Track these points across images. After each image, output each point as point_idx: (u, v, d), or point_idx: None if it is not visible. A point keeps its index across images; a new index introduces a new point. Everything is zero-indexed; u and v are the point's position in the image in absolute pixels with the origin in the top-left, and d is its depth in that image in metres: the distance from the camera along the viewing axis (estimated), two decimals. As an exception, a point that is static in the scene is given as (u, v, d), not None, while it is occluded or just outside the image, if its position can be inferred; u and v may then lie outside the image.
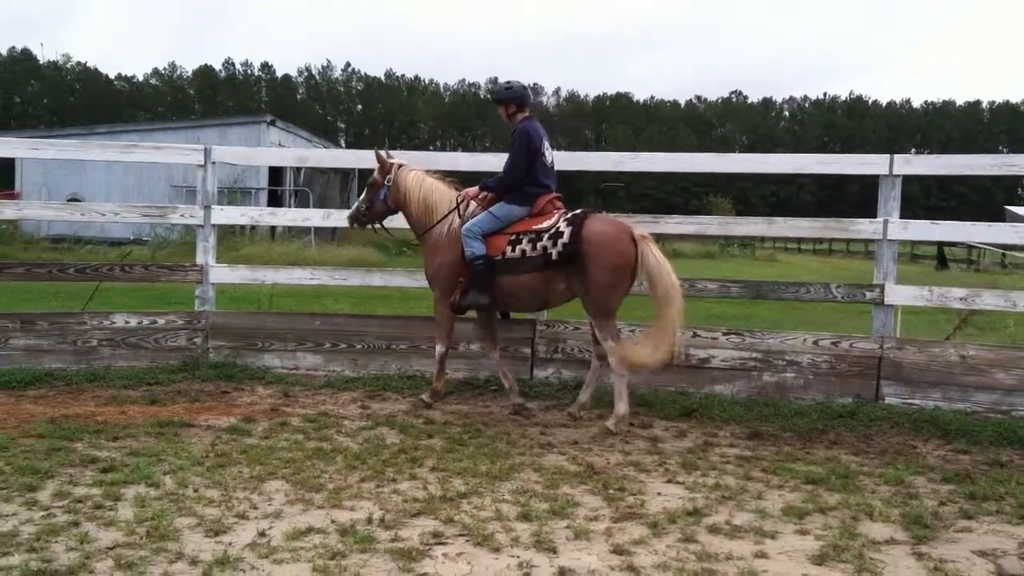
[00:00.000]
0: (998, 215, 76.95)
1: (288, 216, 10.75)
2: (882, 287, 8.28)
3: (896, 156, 8.25)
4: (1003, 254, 35.10)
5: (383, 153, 8.35)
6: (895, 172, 8.22)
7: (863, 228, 8.45)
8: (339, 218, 9.07)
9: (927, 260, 35.89)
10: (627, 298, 7.65)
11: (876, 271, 8.40)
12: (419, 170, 8.29)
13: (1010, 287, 10.25)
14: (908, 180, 8.39)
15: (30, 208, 9.67)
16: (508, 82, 8.04)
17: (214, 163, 9.34)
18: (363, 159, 8.30)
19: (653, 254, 7.31)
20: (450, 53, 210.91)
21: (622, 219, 8.42)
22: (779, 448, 6.81)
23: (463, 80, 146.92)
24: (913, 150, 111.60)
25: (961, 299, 8.26)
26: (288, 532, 4.72)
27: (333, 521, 4.92)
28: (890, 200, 8.25)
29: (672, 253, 37.81)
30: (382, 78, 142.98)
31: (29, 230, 30.94)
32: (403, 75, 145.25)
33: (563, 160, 9.09)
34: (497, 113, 8.06)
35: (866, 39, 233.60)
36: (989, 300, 8.22)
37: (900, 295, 8.33)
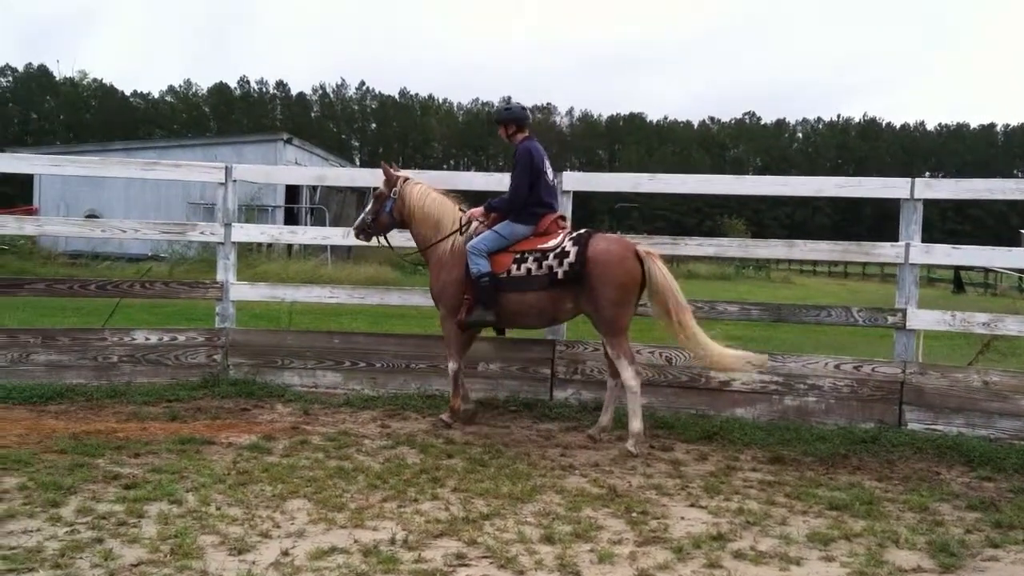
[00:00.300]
0: (1014, 239, 76.87)
1: (308, 235, 10.80)
2: (904, 311, 8.24)
3: (917, 180, 8.23)
4: (1020, 278, 34.97)
5: (389, 165, 8.38)
6: (916, 196, 8.20)
7: (885, 252, 8.42)
8: (358, 237, 9.08)
9: (944, 284, 35.73)
10: (647, 319, 7.63)
11: (898, 295, 8.36)
12: (424, 184, 8.34)
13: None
14: (928, 204, 8.35)
15: (51, 224, 9.70)
16: (507, 103, 8.14)
17: (235, 181, 9.37)
18: (380, 178, 8.30)
19: (660, 270, 7.36)
20: (464, 72, 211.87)
21: (634, 238, 8.42)
22: (802, 473, 6.76)
23: (477, 99, 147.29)
24: (927, 173, 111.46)
25: (984, 324, 8.20)
26: (311, 552, 4.71)
27: (356, 541, 4.91)
28: (912, 224, 8.22)
29: (687, 274, 37.89)
30: (396, 97, 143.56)
31: (47, 246, 31.07)
32: (417, 94, 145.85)
33: (580, 180, 9.15)
34: (497, 134, 8.10)
35: (881, 61, 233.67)
36: (1012, 326, 8.16)
37: (922, 319, 8.28)
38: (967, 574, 4.78)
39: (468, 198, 8.55)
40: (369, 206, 8.42)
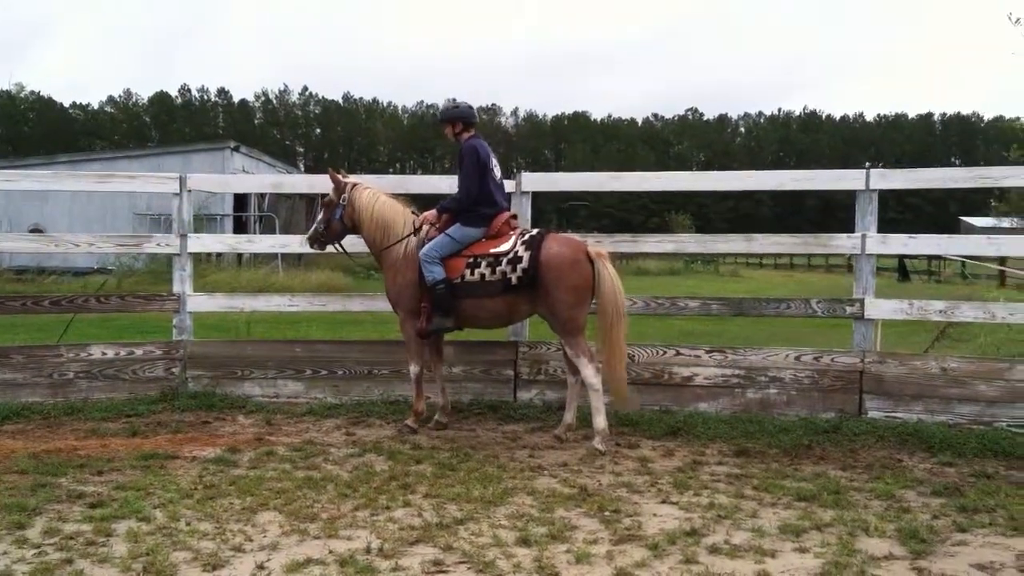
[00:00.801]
0: (952, 226, 78.11)
1: (266, 243, 10.67)
2: (862, 301, 8.32)
3: (872, 171, 8.31)
4: (963, 264, 35.52)
5: (337, 172, 8.33)
6: (872, 187, 8.27)
7: (842, 243, 8.51)
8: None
9: (888, 272, 36.20)
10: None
11: (855, 285, 8.44)
12: (373, 188, 8.30)
13: (988, 299, 10.35)
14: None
15: (3, 241, 9.50)
16: (454, 101, 8.12)
17: (189, 191, 9.25)
18: (337, 182, 8.24)
19: (608, 274, 7.41)
20: (408, 75, 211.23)
21: (596, 238, 8.45)
22: (767, 465, 6.81)
23: (421, 102, 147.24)
24: (867, 164, 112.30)
25: (940, 312, 8.31)
26: (287, 564, 4.66)
27: (331, 551, 4.87)
28: (867, 215, 8.30)
29: (636, 270, 38.04)
30: (340, 101, 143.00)
31: (-11, 262, 30.54)
32: (361, 98, 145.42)
33: (540, 181, 9.14)
34: (444, 134, 8.09)
35: (819, 55, 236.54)
36: (968, 312, 8.29)
37: (880, 309, 8.37)
38: (938, 559, 4.83)
39: (422, 201, 8.53)
40: (320, 215, 8.34)
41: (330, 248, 8.49)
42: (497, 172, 7.93)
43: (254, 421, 8.30)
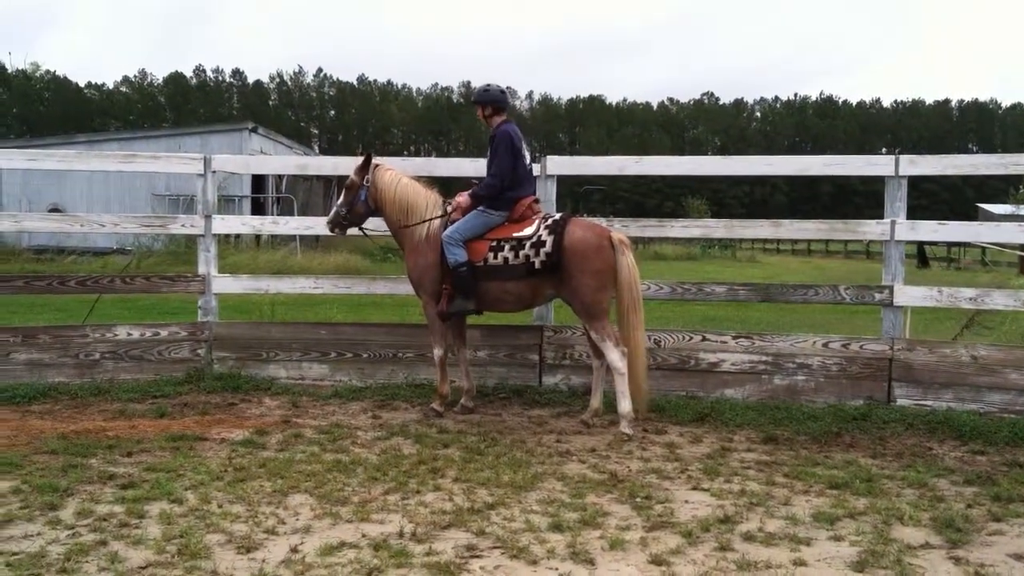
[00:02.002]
0: (970, 213, 77.65)
1: (292, 224, 10.61)
2: (891, 288, 8.26)
3: (902, 157, 8.24)
4: (983, 251, 35.35)
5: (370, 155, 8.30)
6: (901, 173, 8.20)
7: (871, 229, 8.44)
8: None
9: (908, 259, 36.08)
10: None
11: (884, 272, 8.38)
12: (395, 170, 8.27)
13: (1020, 287, 10.27)
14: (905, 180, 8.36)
15: (29, 220, 9.51)
16: (486, 85, 8.05)
17: (214, 172, 9.23)
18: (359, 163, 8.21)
19: (627, 263, 7.41)
20: (423, 58, 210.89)
21: (622, 223, 8.41)
22: (797, 452, 6.78)
23: (436, 84, 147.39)
24: (883, 149, 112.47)
25: (971, 299, 8.23)
26: (321, 547, 4.65)
27: (364, 535, 4.85)
28: (896, 201, 8.22)
29: (654, 255, 37.98)
30: (355, 83, 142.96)
31: (11, 242, 30.61)
32: (375, 80, 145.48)
33: (565, 165, 9.08)
34: (475, 114, 8.08)
35: (838, 41, 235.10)
36: (999, 300, 8.20)
37: (909, 296, 8.31)
38: (975, 549, 4.80)
39: (446, 183, 8.51)
40: (341, 198, 8.30)
41: (351, 231, 8.45)
42: (527, 158, 7.89)
43: (280, 403, 8.30)
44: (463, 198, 7.87)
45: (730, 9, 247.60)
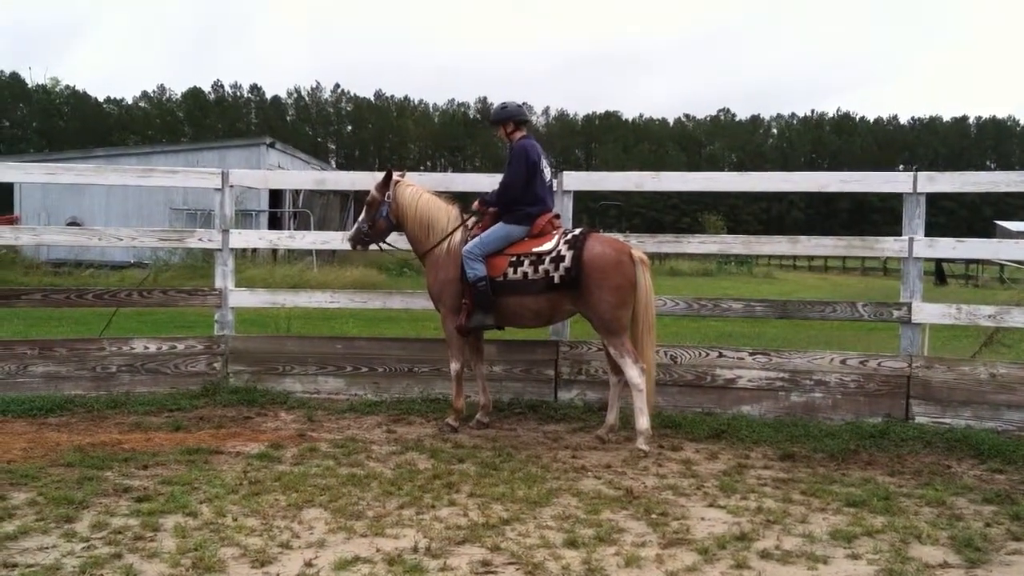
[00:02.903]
0: (988, 230, 77.35)
1: (308, 239, 10.64)
2: (909, 305, 8.22)
3: (920, 174, 8.21)
4: (1002, 269, 35.18)
5: (391, 172, 8.32)
6: (919, 190, 8.17)
7: (889, 246, 8.41)
8: (359, 240, 8.95)
9: (926, 276, 35.91)
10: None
11: (903, 289, 8.34)
12: (416, 185, 8.29)
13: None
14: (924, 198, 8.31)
15: (48, 234, 9.54)
16: (503, 103, 8.06)
17: (232, 187, 9.26)
18: (380, 180, 8.23)
19: (645, 284, 7.42)
20: (440, 73, 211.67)
21: (639, 238, 8.39)
22: (814, 470, 6.74)
23: (452, 100, 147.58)
24: (901, 166, 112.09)
25: (990, 316, 8.19)
26: (335, 562, 4.64)
27: (379, 550, 4.84)
28: (915, 218, 8.20)
29: (670, 271, 37.92)
30: (372, 99, 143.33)
31: (29, 254, 30.78)
32: (392, 95, 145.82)
33: (582, 180, 9.10)
34: (495, 136, 8.14)
35: (855, 57, 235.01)
36: (1019, 318, 8.14)
37: (928, 313, 8.27)
38: (995, 568, 4.76)
39: (464, 199, 8.51)
40: (363, 215, 8.32)
41: (373, 247, 8.48)
42: (547, 173, 7.90)
43: (296, 417, 8.31)
44: (476, 205, 7.93)
45: (746, 26, 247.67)
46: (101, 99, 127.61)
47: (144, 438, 7.36)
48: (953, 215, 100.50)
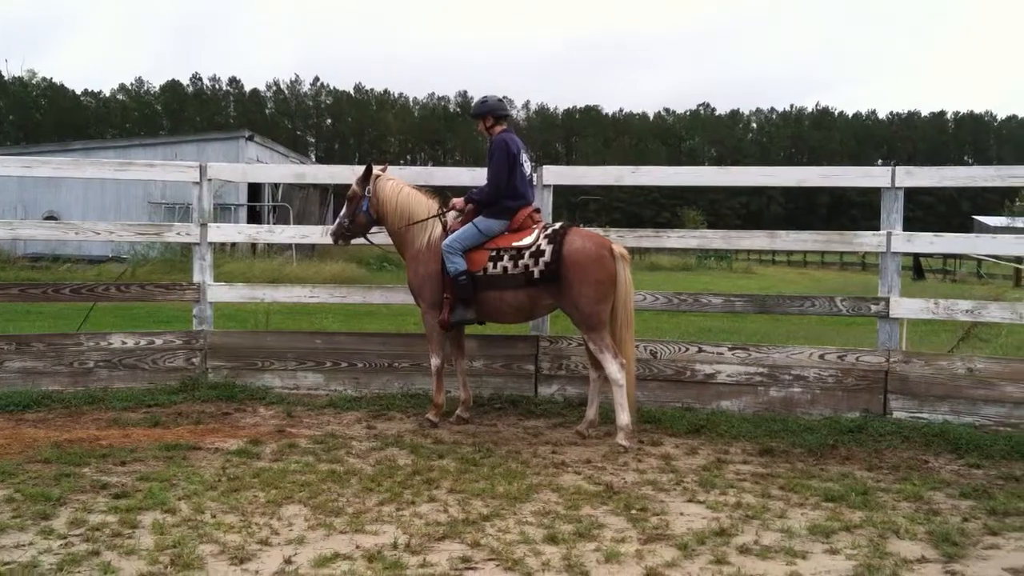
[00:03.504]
0: (966, 225, 77.79)
1: (287, 233, 10.59)
2: (887, 300, 8.25)
3: (898, 168, 8.22)
4: (979, 264, 35.38)
5: (371, 166, 8.29)
6: (897, 184, 8.19)
7: (867, 241, 8.43)
8: (338, 235, 8.90)
9: (903, 271, 36.06)
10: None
11: (881, 284, 8.36)
12: (396, 179, 8.26)
13: (1016, 299, 10.28)
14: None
15: (24, 227, 9.42)
16: (483, 97, 8.05)
17: (210, 180, 9.20)
18: (360, 174, 8.19)
19: (624, 279, 7.41)
20: (420, 68, 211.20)
21: (607, 233, 8.38)
22: (792, 465, 6.76)
23: (432, 94, 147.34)
24: (879, 161, 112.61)
25: (967, 311, 8.22)
26: (314, 559, 4.63)
27: (358, 547, 4.83)
28: (893, 212, 8.22)
29: (650, 266, 37.96)
30: (351, 92, 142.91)
31: (5, 249, 30.53)
32: (372, 89, 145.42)
33: (561, 174, 9.08)
34: (473, 125, 8.08)
35: (834, 53, 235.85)
36: (996, 313, 8.20)
37: (906, 308, 8.30)
38: (972, 563, 4.78)
39: (444, 193, 8.49)
40: (344, 209, 8.31)
41: (356, 241, 8.46)
42: (527, 167, 7.89)
43: (275, 413, 8.28)
44: (459, 200, 7.88)
45: (727, 22, 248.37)
46: (79, 92, 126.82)
47: (122, 434, 7.31)
48: (931, 210, 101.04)
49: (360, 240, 8.46)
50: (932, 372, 8.03)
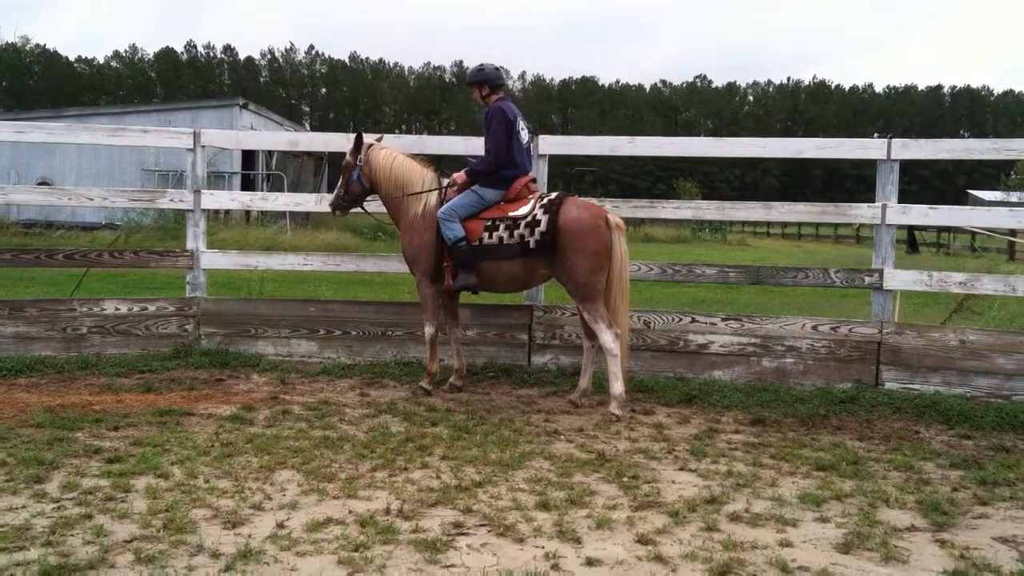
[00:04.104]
0: (960, 199, 77.83)
1: (281, 201, 10.55)
2: (881, 272, 8.26)
3: (894, 141, 8.22)
4: (973, 237, 35.41)
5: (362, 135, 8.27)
6: (893, 157, 8.18)
7: (862, 213, 8.43)
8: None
9: (897, 244, 36.06)
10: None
11: (875, 256, 8.37)
12: (390, 148, 8.24)
13: (1008, 272, 10.30)
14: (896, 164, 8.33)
15: (16, 193, 9.38)
16: (480, 65, 7.98)
17: (204, 147, 9.17)
18: (350, 144, 8.17)
19: (620, 250, 7.41)
20: (415, 36, 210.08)
21: (602, 204, 8.37)
22: (784, 434, 6.79)
23: (428, 63, 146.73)
24: (876, 134, 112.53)
25: (960, 284, 8.24)
26: (307, 523, 4.64)
27: (351, 512, 4.85)
28: (888, 185, 8.22)
29: (644, 237, 37.94)
30: (346, 61, 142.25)
31: (-1, 214, 30.45)
32: (367, 58, 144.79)
33: (558, 144, 9.06)
34: (468, 94, 8.01)
35: (832, 25, 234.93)
36: (989, 285, 8.22)
37: (899, 280, 8.31)
38: (961, 532, 4.81)
39: (439, 161, 8.47)
40: (340, 180, 8.30)
41: (355, 210, 8.45)
42: (524, 135, 7.85)
43: (268, 380, 8.28)
44: (460, 175, 7.85)
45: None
46: (72, 59, 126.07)
47: (115, 399, 7.32)
48: (927, 184, 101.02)
49: (358, 209, 8.44)
50: (924, 344, 8.05)
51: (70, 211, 27.95)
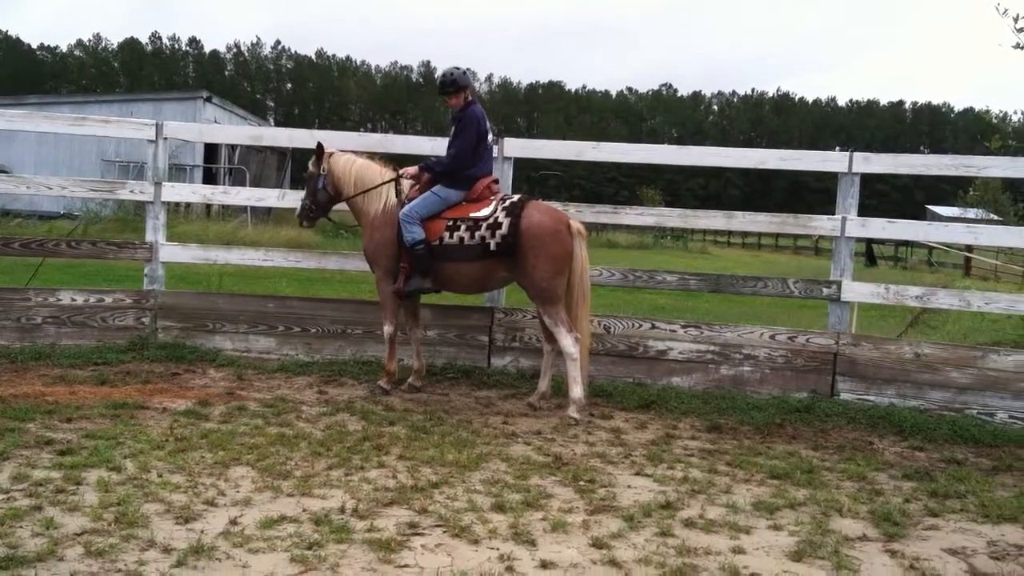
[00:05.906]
0: (919, 214, 78.70)
1: (243, 195, 10.52)
2: (839, 283, 8.33)
3: (856, 154, 8.29)
4: (930, 252, 35.84)
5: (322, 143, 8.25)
6: (854, 170, 8.26)
7: (822, 225, 8.49)
8: (295, 198, 8.79)
9: (856, 257, 36.42)
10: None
11: (833, 267, 8.45)
12: (349, 154, 8.24)
13: (964, 287, 10.43)
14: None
15: (-27, 180, 9.32)
16: (450, 70, 7.84)
17: (166, 139, 9.09)
18: (318, 139, 8.14)
19: (581, 255, 7.45)
20: (383, 35, 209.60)
21: (575, 208, 8.39)
22: (740, 441, 6.83)
23: (395, 63, 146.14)
24: (837, 147, 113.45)
25: (917, 297, 8.34)
26: (260, 520, 4.61)
27: (305, 510, 4.83)
28: (848, 198, 8.28)
29: (607, 243, 38.04)
30: (313, 57, 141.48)
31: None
32: (334, 55, 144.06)
33: (523, 147, 9.05)
34: (446, 102, 7.93)
35: (797, 39, 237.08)
36: (945, 299, 8.33)
37: (857, 292, 8.39)
38: (911, 543, 4.85)
39: (402, 161, 8.44)
40: (305, 191, 8.32)
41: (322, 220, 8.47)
42: (490, 137, 7.86)
43: (225, 375, 8.23)
44: (412, 169, 7.87)
45: (693, 4, 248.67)
46: (35, 46, 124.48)
47: (68, 391, 7.24)
48: (886, 199, 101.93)
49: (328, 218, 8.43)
50: (880, 356, 8.13)
51: (27, 199, 27.53)
